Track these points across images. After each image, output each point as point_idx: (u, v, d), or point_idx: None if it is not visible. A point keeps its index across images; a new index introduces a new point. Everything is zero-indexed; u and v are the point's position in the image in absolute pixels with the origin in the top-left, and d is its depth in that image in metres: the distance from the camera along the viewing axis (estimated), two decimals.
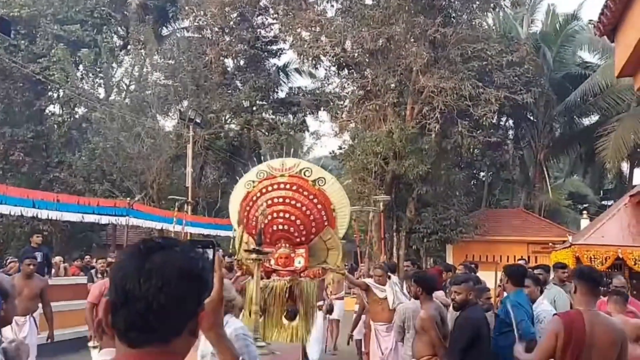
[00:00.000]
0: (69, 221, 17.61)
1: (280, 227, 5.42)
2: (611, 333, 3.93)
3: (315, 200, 5.59)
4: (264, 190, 5.67)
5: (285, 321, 5.00)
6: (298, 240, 5.55)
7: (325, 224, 5.58)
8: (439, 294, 7.14)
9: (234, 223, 5.91)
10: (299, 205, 5.57)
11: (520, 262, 12.62)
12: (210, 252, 1.44)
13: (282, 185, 5.71)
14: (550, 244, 19.23)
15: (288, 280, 5.24)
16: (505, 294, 6.24)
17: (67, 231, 25.07)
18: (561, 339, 3.89)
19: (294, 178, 5.69)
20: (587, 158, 28.83)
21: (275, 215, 5.47)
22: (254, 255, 5.12)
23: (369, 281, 8.35)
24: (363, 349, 10.16)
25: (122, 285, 1.20)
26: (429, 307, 6.09)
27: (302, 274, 5.34)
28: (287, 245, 5.52)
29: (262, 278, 5.40)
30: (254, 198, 5.67)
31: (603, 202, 33.71)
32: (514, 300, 5.58)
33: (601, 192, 36.44)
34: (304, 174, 5.74)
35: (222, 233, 20.48)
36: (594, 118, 27.97)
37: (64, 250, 23.66)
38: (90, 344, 6.75)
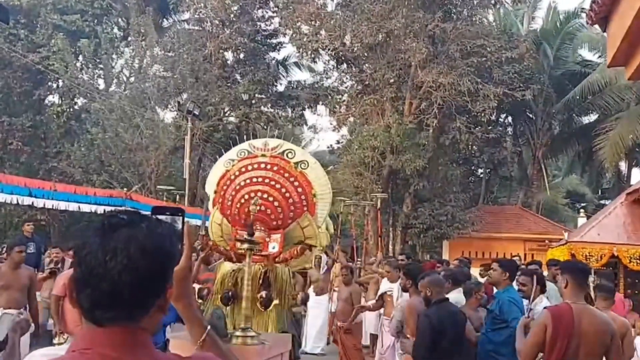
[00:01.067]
0: (66, 211, 17.56)
1: (251, 208, 5.23)
2: (599, 326, 3.95)
3: (295, 183, 5.38)
4: (242, 170, 5.42)
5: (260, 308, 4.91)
6: (274, 223, 5.35)
7: (305, 209, 5.40)
8: None
9: (211, 204, 5.73)
10: (277, 186, 5.29)
11: (515, 259, 12.64)
12: (179, 219, 1.44)
13: (262, 165, 5.39)
14: (546, 241, 19.28)
15: (263, 265, 5.14)
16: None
17: (64, 221, 25.07)
18: (549, 332, 3.93)
19: (276, 159, 5.45)
20: (585, 156, 28.84)
21: (252, 195, 5.27)
22: (245, 245, 5.00)
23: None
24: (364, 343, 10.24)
25: (87, 263, 1.18)
26: (414, 298, 6.12)
27: (275, 260, 5.23)
28: (263, 228, 5.34)
29: (233, 261, 5.31)
30: (232, 177, 5.45)
31: (601, 201, 33.69)
32: (509, 296, 5.57)
33: (599, 191, 36.42)
34: (287, 156, 5.53)
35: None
36: (593, 116, 27.95)
37: (61, 240, 23.66)
38: (55, 340, 6.35)
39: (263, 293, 4.65)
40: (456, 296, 6.33)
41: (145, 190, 22.81)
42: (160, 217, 1.38)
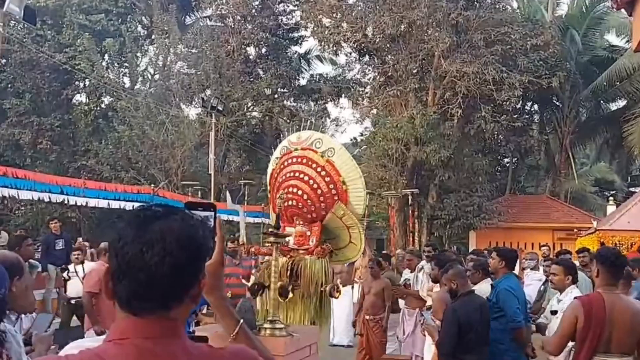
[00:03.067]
0: (96, 208, 17.85)
1: (291, 202, 5.28)
2: (632, 315, 3.87)
3: (323, 173, 5.37)
4: (281, 166, 5.54)
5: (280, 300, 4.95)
6: (309, 216, 5.39)
7: (335, 198, 5.41)
8: None
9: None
10: (306, 178, 5.30)
11: (544, 248, 12.53)
12: (211, 214, 1.47)
13: (294, 160, 5.45)
14: (575, 230, 19.06)
15: (289, 257, 5.18)
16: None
17: (94, 218, 25.49)
18: (581, 322, 3.87)
19: (306, 150, 5.50)
20: (613, 143, 28.33)
21: (287, 190, 5.34)
22: (271, 238, 5.05)
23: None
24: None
25: (123, 255, 1.19)
26: (444, 289, 6.11)
27: (311, 252, 5.27)
28: (302, 222, 5.40)
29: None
30: (275, 175, 5.58)
31: (630, 189, 33.09)
32: (507, 285, 5.54)
33: (628, 178, 35.77)
34: (315, 146, 5.55)
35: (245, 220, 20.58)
36: (621, 103, 27.42)
37: (92, 237, 24.08)
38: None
39: (278, 284, 4.69)
40: (483, 287, 6.31)
41: (172, 186, 23.08)
42: (193, 212, 1.40)
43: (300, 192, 5.29)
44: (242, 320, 1.60)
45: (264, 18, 26.49)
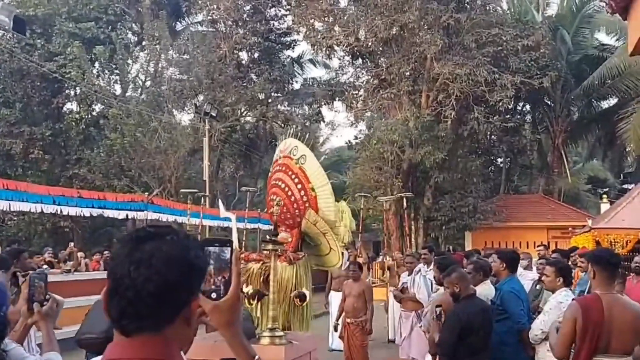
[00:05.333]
0: (89, 217, 17.75)
1: (273, 210, 5.34)
2: (631, 316, 3.87)
3: (296, 180, 5.45)
4: (271, 175, 5.65)
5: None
6: (287, 223, 5.47)
7: (306, 204, 5.44)
8: None
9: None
10: (282, 185, 5.42)
11: (539, 248, 12.52)
12: (227, 250, 1.45)
13: (278, 167, 5.60)
14: (570, 228, 19.08)
15: (261, 264, 5.20)
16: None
17: (88, 227, 25.34)
18: (579, 324, 3.86)
19: (286, 158, 5.61)
20: (606, 141, 28.47)
21: (270, 198, 5.42)
22: (270, 246, 5.08)
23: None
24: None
25: (115, 274, 1.22)
26: (447, 292, 6.09)
27: (284, 259, 5.30)
28: (284, 229, 5.44)
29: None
30: (268, 185, 5.66)
31: (624, 186, 33.23)
32: (510, 287, 5.55)
33: (621, 175, 35.94)
34: (292, 153, 5.63)
35: (238, 225, 20.53)
36: (613, 101, 27.54)
37: (85, 246, 23.94)
38: None
39: (250, 289, 4.69)
40: (485, 289, 6.30)
41: (166, 193, 23.00)
42: (209, 248, 1.42)
43: (278, 199, 5.33)
44: (257, 356, 1.57)
45: (255, 23, 26.48)
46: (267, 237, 5.38)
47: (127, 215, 16.24)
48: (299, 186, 5.48)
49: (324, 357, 10.29)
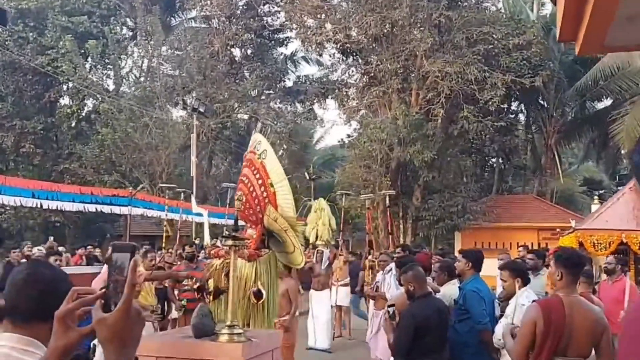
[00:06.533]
0: (80, 212, 17.62)
1: (237, 205, 5.27)
2: (591, 320, 3.77)
3: (257, 175, 5.38)
4: (241, 170, 5.66)
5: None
6: (251, 219, 5.40)
7: (266, 201, 5.37)
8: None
9: None
10: (246, 181, 5.39)
11: (520, 249, 12.44)
12: (126, 257, 1.37)
13: (244, 163, 5.62)
14: (557, 229, 18.98)
15: (222, 260, 5.13)
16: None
17: (79, 222, 25.29)
18: (540, 326, 3.76)
19: (251, 153, 5.57)
20: (600, 143, 28.31)
21: (236, 193, 5.38)
22: (229, 242, 5.00)
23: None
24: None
25: None
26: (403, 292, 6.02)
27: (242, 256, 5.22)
28: (250, 225, 5.37)
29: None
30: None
31: (619, 188, 33.02)
32: (473, 287, 5.46)
33: (616, 177, 35.74)
34: (256, 148, 5.59)
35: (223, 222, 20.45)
36: (607, 102, 27.41)
37: (77, 240, 23.91)
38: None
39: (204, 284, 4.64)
40: (450, 288, 6.21)
41: (157, 189, 22.93)
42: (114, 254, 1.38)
43: (239, 194, 5.27)
44: None
45: (248, 19, 26.43)
46: (227, 232, 5.29)
47: (111, 210, 16.18)
48: (260, 182, 5.42)
49: (302, 356, 10.21)
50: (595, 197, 23.00)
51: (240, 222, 5.50)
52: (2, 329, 1.73)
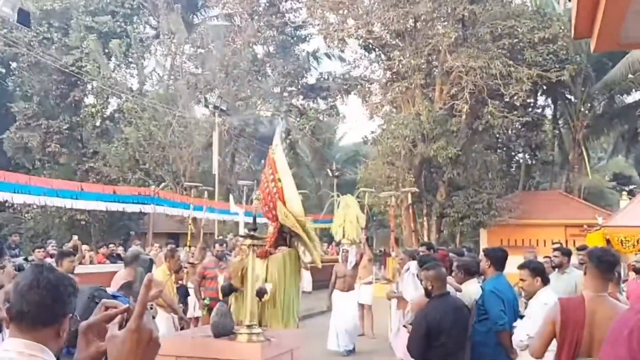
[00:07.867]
0: (105, 210, 17.67)
1: (254, 204, 5.26)
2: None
3: (269, 172, 5.33)
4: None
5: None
6: (268, 216, 5.35)
7: (276, 196, 5.28)
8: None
9: None
10: (263, 178, 5.36)
11: (555, 245, 12.16)
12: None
13: (267, 161, 5.55)
14: (584, 226, 18.57)
15: (240, 259, 5.07)
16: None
17: (105, 220, 25.50)
18: (558, 325, 3.69)
19: (270, 151, 5.53)
20: (629, 137, 27.70)
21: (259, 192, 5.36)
22: (248, 241, 4.94)
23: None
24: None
25: None
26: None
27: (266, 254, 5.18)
28: (271, 223, 5.33)
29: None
30: None
31: None
32: (493, 286, 5.33)
33: None
34: (274, 144, 5.56)
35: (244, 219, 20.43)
36: (636, 95, 26.78)
37: (102, 239, 24.11)
38: None
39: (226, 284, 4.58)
40: (469, 288, 6.07)
41: (180, 187, 23.03)
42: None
43: (258, 193, 5.24)
44: None
45: (270, 16, 26.38)
46: (246, 231, 5.24)
47: (133, 209, 16.24)
48: (271, 177, 5.36)
49: (320, 357, 10.06)
50: (625, 192, 22.40)
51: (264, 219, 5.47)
52: (9, 334, 1.74)
